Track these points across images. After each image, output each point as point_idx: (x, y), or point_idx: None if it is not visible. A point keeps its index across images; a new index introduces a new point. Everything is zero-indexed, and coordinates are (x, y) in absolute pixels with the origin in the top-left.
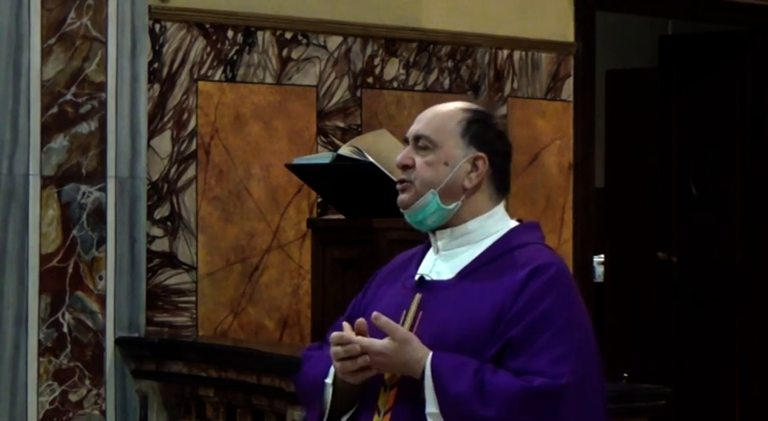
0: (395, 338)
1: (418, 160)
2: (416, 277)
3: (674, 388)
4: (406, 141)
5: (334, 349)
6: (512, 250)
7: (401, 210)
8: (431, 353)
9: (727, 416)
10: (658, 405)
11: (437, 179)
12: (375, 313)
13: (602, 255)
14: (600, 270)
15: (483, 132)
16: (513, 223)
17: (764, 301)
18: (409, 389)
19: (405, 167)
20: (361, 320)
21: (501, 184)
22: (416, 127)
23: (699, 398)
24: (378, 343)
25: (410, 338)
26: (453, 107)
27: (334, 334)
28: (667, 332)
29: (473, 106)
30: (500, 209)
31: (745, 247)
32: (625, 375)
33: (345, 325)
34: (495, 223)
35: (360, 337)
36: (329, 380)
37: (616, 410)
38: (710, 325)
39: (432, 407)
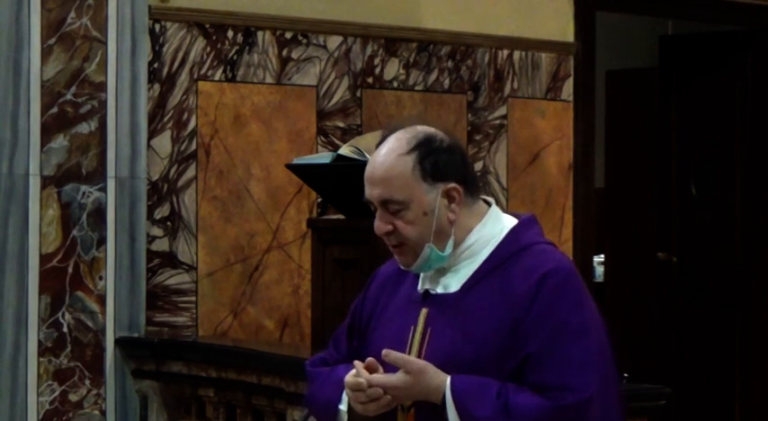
0: (410, 371)
1: (399, 223)
2: (421, 291)
3: (673, 388)
4: (369, 203)
5: (354, 394)
6: (516, 254)
7: (405, 269)
8: (449, 378)
9: (727, 416)
10: (658, 405)
11: (426, 233)
12: (385, 351)
13: (602, 255)
14: (600, 270)
15: (437, 162)
16: (510, 220)
17: (764, 301)
18: (427, 408)
19: (387, 233)
20: (371, 360)
21: (472, 188)
22: (377, 191)
23: (699, 398)
24: (394, 378)
25: (425, 367)
26: (396, 155)
27: (351, 381)
28: (667, 332)
29: (412, 141)
30: (492, 211)
31: (745, 247)
32: (625, 375)
33: (358, 364)
34: (492, 227)
35: (376, 376)
36: (344, 408)
37: None
38: (710, 325)
39: None
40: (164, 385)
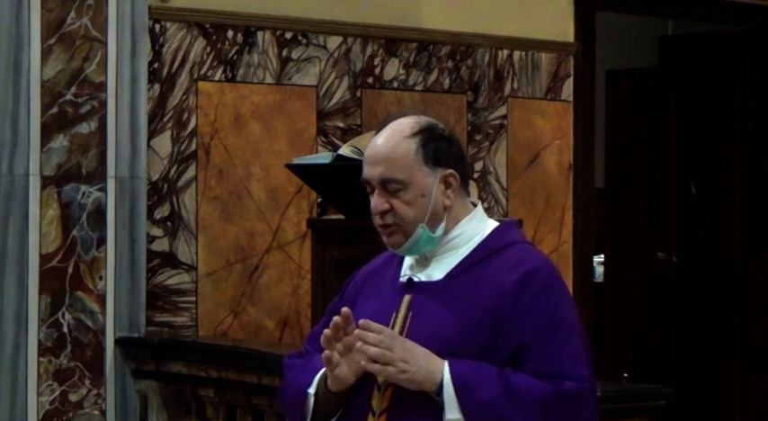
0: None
1: (396, 203)
2: (404, 279)
3: (673, 388)
4: (366, 183)
5: (328, 344)
6: (499, 250)
7: (392, 250)
8: (446, 361)
9: (728, 416)
10: (658, 405)
11: (421, 214)
12: (363, 321)
13: (602, 255)
14: (600, 270)
15: (438, 148)
16: (493, 223)
17: (764, 301)
18: (405, 389)
19: (383, 213)
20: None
21: (465, 182)
22: (378, 171)
23: (699, 398)
24: (388, 330)
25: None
26: (401, 137)
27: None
28: (667, 332)
29: (416, 126)
30: (478, 210)
31: (745, 247)
32: (625, 375)
33: (337, 319)
34: (477, 225)
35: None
36: (312, 391)
37: (616, 410)
38: (710, 325)
39: (453, 413)
40: (164, 385)
